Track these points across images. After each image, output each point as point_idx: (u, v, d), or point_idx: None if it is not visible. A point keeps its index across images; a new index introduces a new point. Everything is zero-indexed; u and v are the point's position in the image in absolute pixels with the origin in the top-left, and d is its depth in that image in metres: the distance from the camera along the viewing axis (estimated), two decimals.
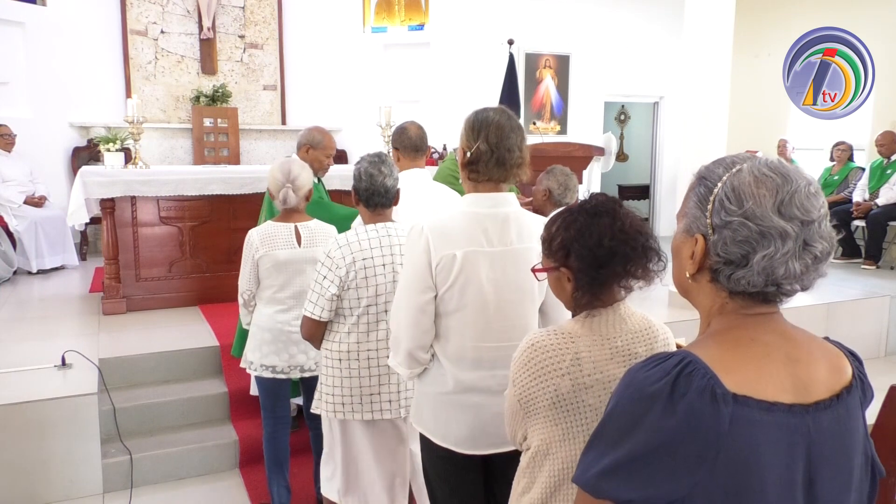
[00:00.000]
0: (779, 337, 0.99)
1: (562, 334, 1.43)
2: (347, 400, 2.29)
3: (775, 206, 0.93)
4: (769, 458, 0.91)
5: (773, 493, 0.91)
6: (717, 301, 1.01)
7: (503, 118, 1.85)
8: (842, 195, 7.14)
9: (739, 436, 0.89)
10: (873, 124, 7.47)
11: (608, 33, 8.43)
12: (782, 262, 0.93)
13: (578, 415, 1.41)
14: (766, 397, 0.92)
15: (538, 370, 1.41)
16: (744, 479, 0.90)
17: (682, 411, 0.89)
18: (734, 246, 0.94)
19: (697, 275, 1.01)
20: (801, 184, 0.95)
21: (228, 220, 4.90)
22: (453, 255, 1.78)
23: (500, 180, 1.85)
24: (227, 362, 3.82)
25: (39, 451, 3.07)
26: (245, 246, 2.75)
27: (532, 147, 2.01)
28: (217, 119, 7.49)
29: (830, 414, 0.96)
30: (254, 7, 7.80)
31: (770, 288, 0.96)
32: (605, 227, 1.43)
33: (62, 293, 5.35)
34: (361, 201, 2.32)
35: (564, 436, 1.42)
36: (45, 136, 6.82)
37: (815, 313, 5.04)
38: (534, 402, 1.43)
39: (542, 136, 7.97)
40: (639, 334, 1.46)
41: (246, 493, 3.24)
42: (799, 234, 0.93)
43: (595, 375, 1.40)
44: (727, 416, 0.89)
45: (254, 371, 2.77)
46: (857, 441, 1.00)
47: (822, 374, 0.98)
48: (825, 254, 0.96)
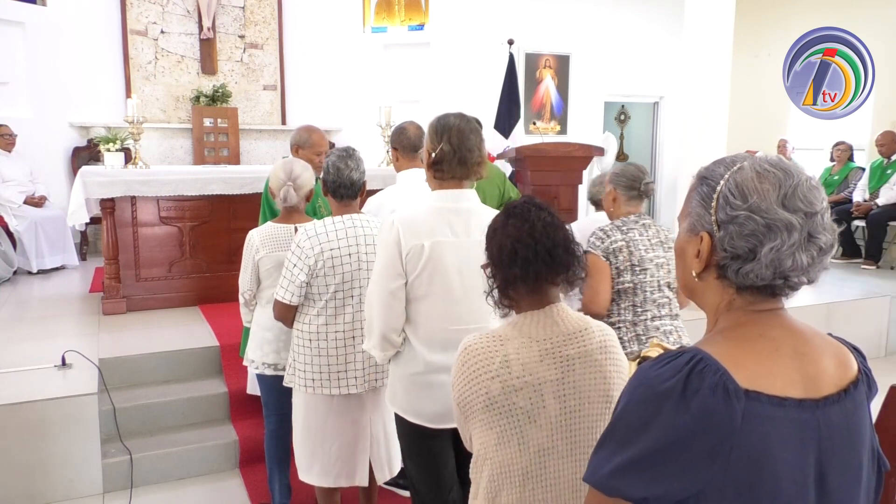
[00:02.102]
0: (786, 332, 1.00)
1: (492, 337, 1.46)
2: (318, 376, 2.45)
3: (779, 199, 0.94)
4: (781, 452, 0.92)
5: (786, 488, 0.92)
6: (724, 298, 1.02)
7: (463, 122, 2.04)
8: (842, 195, 7.14)
9: (752, 431, 0.90)
10: (873, 124, 7.47)
11: (608, 33, 8.43)
12: (789, 253, 0.94)
13: (511, 418, 1.41)
14: (777, 392, 0.93)
15: (470, 373, 1.44)
16: (757, 473, 0.91)
17: (696, 408, 0.90)
18: (741, 240, 0.95)
19: (704, 273, 1.02)
20: (802, 177, 0.97)
21: (228, 220, 4.90)
22: (421, 245, 1.97)
23: (462, 178, 2.05)
24: (227, 362, 3.82)
25: (39, 451, 3.08)
26: (245, 247, 2.76)
27: (532, 147, 2.10)
28: (217, 119, 7.49)
29: (839, 408, 0.97)
30: (254, 7, 7.80)
31: (778, 281, 0.97)
32: (512, 228, 1.47)
33: (62, 293, 5.35)
34: (330, 192, 2.49)
35: (499, 440, 1.42)
36: (45, 136, 6.82)
37: (815, 313, 5.04)
38: (469, 406, 1.45)
39: (542, 136, 7.97)
40: (571, 336, 1.46)
41: (246, 493, 3.24)
42: (804, 225, 0.94)
43: (524, 377, 1.41)
44: (740, 412, 0.90)
45: (256, 369, 2.80)
46: (864, 435, 1.01)
47: (830, 369, 0.99)
48: (829, 245, 0.97)
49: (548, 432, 1.42)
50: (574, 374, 1.43)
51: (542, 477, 1.42)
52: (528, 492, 1.41)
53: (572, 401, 1.42)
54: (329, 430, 2.49)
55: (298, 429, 2.55)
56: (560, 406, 1.42)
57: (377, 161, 5.31)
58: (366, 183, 2.53)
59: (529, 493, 1.41)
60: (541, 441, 1.41)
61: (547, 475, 1.42)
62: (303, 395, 2.50)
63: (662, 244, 2.62)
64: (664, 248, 2.61)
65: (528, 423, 1.41)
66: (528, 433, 1.41)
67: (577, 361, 1.44)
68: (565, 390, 1.42)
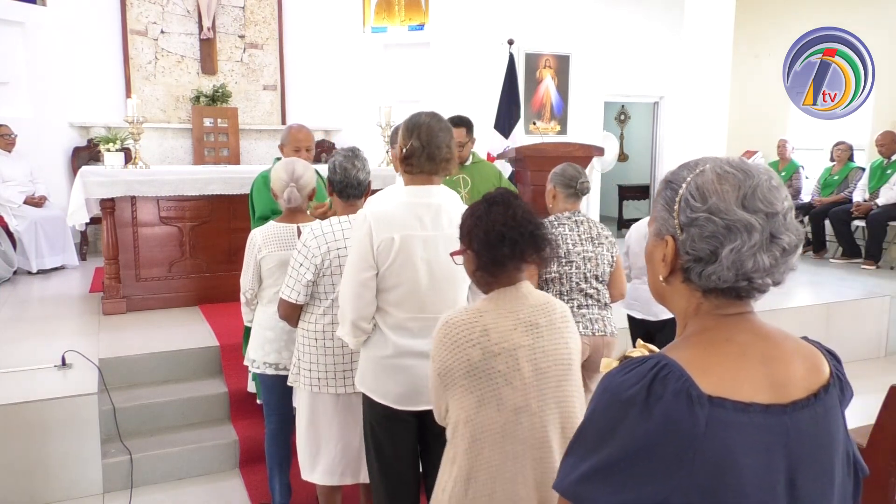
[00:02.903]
0: (754, 336, 0.99)
1: (472, 311, 1.66)
2: (323, 375, 2.45)
3: (739, 200, 0.94)
4: (747, 458, 0.91)
5: (751, 494, 0.91)
6: (691, 302, 1.01)
7: (433, 120, 2.14)
8: (842, 195, 7.14)
9: (716, 437, 0.90)
10: (873, 124, 7.47)
11: (608, 33, 8.43)
12: (750, 254, 0.94)
13: (490, 381, 1.60)
14: (743, 398, 0.92)
15: (452, 343, 1.62)
16: (721, 480, 0.90)
17: (659, 414, 0.90)
18: (702, 242, 0.95)
19: (671, 277, 1.02)
20: (762, 178, 0.96)
21: (228, 220, 4.90)
22: (392, 238, 2.06)
23: (431, 173, 2.14)
24: (228, 362, 3.82)
25: (39, 451, 3.08)
26: (247, 246, 2.77)
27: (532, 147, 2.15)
28: (217, 119, 7.49)
29: (808, 413, 0.96)
30: (254, 7, 7.80)
31: (742, 283, 0.96)
32: (497, 214, 1.66)
33: (62, 293, 5.35)
34: (336, 192, 2.51)
35: (480, 402, 1.60)
36: (45, 136, 6.82)
37: (815, 313, 5.05)
38: (451, 374, 1.62)
39: (542, 136, 7.97)
40: (539, 308, 1.69)
41: (246, 493, 3.24)
42: (765, 226, 0.94)
43: (502, 344, 1.61)
44: (703, 418, 0.89)
45: (257, 369, 2.79)
46: (836, 440, 1.00)
47: (799, 374, 0.98)
48: (793, 246, 0.96)
49: (522, 392, 1.61)
50: (543, 341, 1.65)
51: (518, 433, 1.60)
52: (508, 447, 1.59)
53: (542, 363, 1.64)
54: (335, 429, 2.49)
55: (302, 428, 2.55)
56: (532, 368, 1.62)
57: (377, 161, 5.31)
58: (370, 183, 2.56)
59: (509, 447, 1.59)
60: (516, 401, 1.61)
61: (522, 431, 1.61)
62: (307, 394, 2.49)
63: (593, 240, 2.86)
64: (594, 243, 2.85)
65: (504, 385, 1.60)
66: (505, 394, 1.60)
67: (545, 329, 1.67)
68: (536, 354, 1.64)
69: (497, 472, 1.58)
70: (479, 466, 1.59)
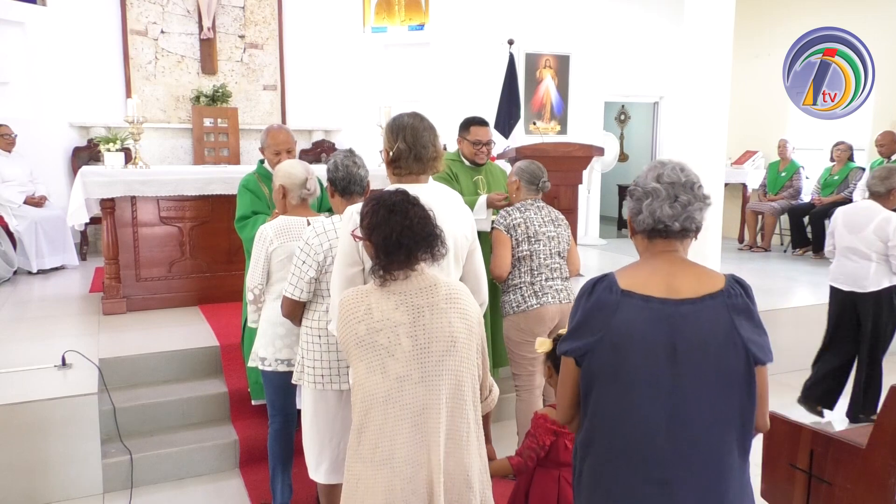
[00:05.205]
0: (667, 263, 1.58)
1: (360, 291, 1.87)
2: (327, 372, 2.47)
3: (654, 178, 1.58)
4: (642, 326, 1.50)
5: (639, 349, 1.49)
6: (641, 244, 1.64)
7: (416, 121, 2.21)
8: (842, 195, 7.14)
9: (624, 313, 1.51)
10: (873, 124, 7.47)
11: (608, 33, 8.43)
12: (658, 206, 1.55)
13: (374, 352, 1.80)
14: (645, 293, 1.53)
15: (344, 319, 1.83)
16: (623, 338, 1.50)
17: (594, 297, 1.56)
18: (634, 202, 1.61)
19: (633, 235, 1.65)
20: (670, 165, 1.59)
21: (228, 220, 4.84)
22: None
23: (419, 173, 2.23)
24: (228, 362, 3.83)
25: (39, 451, 3.08)
26: (256, 241, 2.77)
27: (532, 147, 2.16)
28: (217, 119, 7.49)
29: (690, 306, 1.50)
30: (254, 7, 7.80)
31: (659, 226, 1.56)
32: (395, 224, 1.82)
33: (62, 293, 5.35)
34: (338, 191, 2.57)
35: (368, 369, 1.81)
36: (45, 136, 6.82)
37: (815, 313, 5.04)
38: (346, 345, 1.84)
39: (542, 136, 7.97)
40: (422, 290, 1.85)
41: (246, 493, 3.24)
42: (669, 191, 1.55)
43: (383, 321, 1.80)
44: (616, 302, 1.53)
45: (268, 367, 2.78)
46: (717, 328, 1.49)
47: (691, 283, 1.54)
48: (687, 202, 1.55)
49: (403, 364, 1.80)
50: (423, 319, 1.83)
51: (400, 399, 1.80)
52: (390, 410, 1.79)
53: (422, 339, 1.82)
54: (338, 425, 2.50)
55: (307, 426, 2.54)
56: (412, 343, 1.81)
57: (377, 161, 5.31)
58: (370, 182, 2.63)
59: (391, 411, 1.79)
60: (398, 371, 1.80)
61: (404, 397, 1.80)
62: (312, 391, 2.49)
63: (553, 221, 3.26)
64: (554, 224, 3.26)
65: (388, 356, 1.80)
66: (388, 365, 1.80)
67: (427, 309, 1.84)
68: (416, 331, 1.82)
69: (380, 429, 1.79)
70: (367, 424, 1.81)
